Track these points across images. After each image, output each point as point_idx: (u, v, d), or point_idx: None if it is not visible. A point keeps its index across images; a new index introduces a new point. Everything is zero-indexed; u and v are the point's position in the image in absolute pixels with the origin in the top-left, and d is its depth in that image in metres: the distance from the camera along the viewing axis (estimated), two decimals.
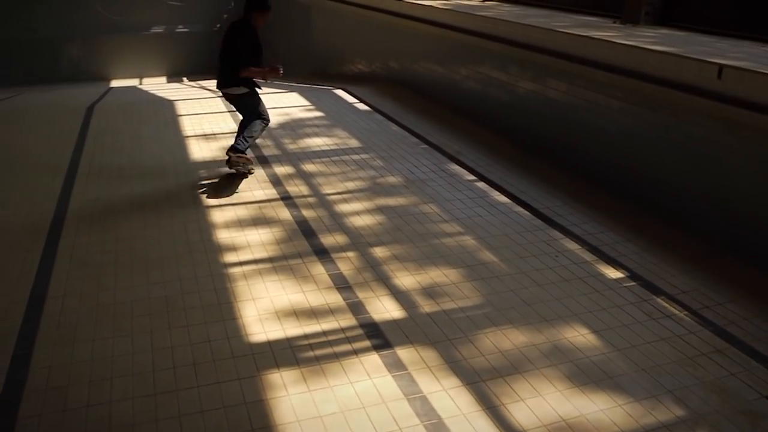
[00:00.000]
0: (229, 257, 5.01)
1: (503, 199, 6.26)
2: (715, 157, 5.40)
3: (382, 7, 11.44)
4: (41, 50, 20.02)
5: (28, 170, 6.93)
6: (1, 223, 5.67)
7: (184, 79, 20.73)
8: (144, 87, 16.04)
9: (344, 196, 6.21)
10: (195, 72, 21.42)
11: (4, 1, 19.19)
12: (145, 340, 3.99)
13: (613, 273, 4.92)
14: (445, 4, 10.04)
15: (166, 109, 9.58)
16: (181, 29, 21.77)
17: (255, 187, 6.39)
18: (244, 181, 6.50)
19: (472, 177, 6.80)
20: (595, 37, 6.60)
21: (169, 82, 20.86)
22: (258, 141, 7.78)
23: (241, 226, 5.55)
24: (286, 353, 3.88)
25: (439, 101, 9.50)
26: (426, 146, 7.74)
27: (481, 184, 6.61)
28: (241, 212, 5.82)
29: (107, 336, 4.03)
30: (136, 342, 3.98)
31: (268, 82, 7.28)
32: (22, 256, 5.07)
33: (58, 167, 6.95)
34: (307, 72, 16.15)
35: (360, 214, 5.81)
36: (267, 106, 6.89)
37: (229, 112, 9.29)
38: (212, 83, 15.59)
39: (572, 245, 5.36)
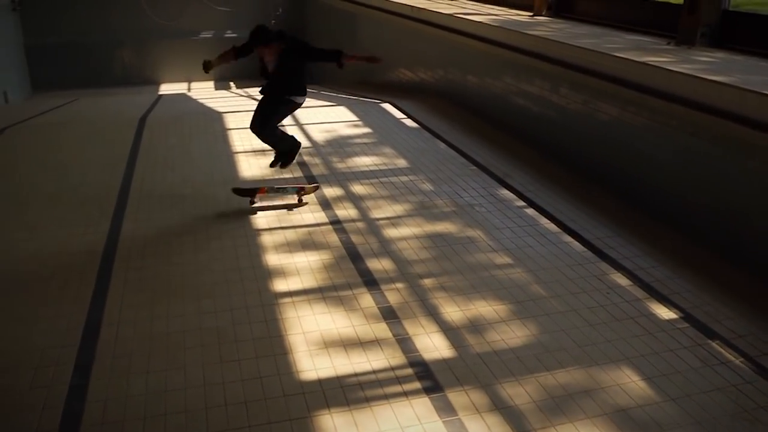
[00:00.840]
0: (279, 285, 5.05)
1: (553, 227, 6.20)
2: None
3: (430, 20, 11.43)
4: (94, 54, 20.40)
5: (83, 186, 7.07)
6: (59, 243, 5.78)
7: (231, 84, 20.98)
8: (192, 94, 16.24)
9: (393, 220, 6.21)
10: (242, 76, 21.65)
11: (58, 7, 19.58)
12: (198, 374, 4.04)
13: (666, 313, 4.84)
14: (494, 20, 9.98)
15: (215, 122, 9.69)
16: (229, 34, 21.95)
17: (304, 209, 6.43)
18: (293, 203, 6.55)
19: (521, 203, 6.74)
20: (649, 64, 6.49)
21: (216, 87, 21.12)
22: (306, 159, 7.85)
23: (291, 250, 5.58)
24: (337, 393, 3.88)
25: (487, 118, 9.45)
26: (474, 167, 7.71)
27: (531, 211, 6.55)
28: (291, 236, 5.86)
29: (161, 368, 4.09)
30: (189, 376, 4.03)
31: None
32: (78, 277, 5.18)
33: (112, 184, 7.08)
34: (354, 81, 16.20)
35: (408, 240, 5.80)
36: (314, 120, 7.07)
37: None
38: (257, 90, 15.81)
39: (623, 281, 5.28)
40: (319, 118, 9.79)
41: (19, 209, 6.56)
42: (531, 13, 10.76)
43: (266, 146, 7.91)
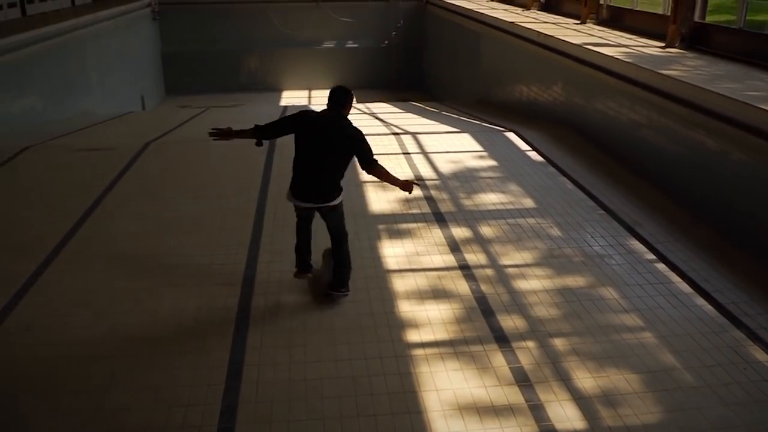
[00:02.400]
0: (412, 335, 5.15)
1: (685, 287, 6.05)
2: None
3: (557, 48, 11.34)
4: (223, 62, 21.24)
5: (221, 211, 7.40)
6: (201, 272, 6.10)
7: None
8: (317, 107, 16.57)
9: (521, 269, 6.22)
10: (361, 86, 22.06)
11: (193, 18, 20.51)
12: (336, 427, 4.19)
13: None
14: (624, 54, 9.81)
15: None
16: (350, 45, 22.43)
17: (433, 251, 6.53)
18: (423, 245, 6.65)
19: (652, 256, 6.61)
20: None
21: None
22: (434, 193, 7.94)
23: (422, 298, 5.69)
24: None
25: (614, 155, 9.29)
26: (602, 212, 7.61)
27: (662, 266, 6.41)
28: (421, 281, 5.96)
29: (301, 418, 4.27)
30: (328, 428, 4.18)
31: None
32: (220, 311, 5.45)
33: (247, 211, 7.39)
34: (473, 99, 16.24)
35: (538, 294, 5.80)
36: (439, 148, 6.98)
37: (403, 154, 9.51)
38: (379, 106, 16.07)
39: (762, 355, 5.10)
40: (444, 147, 9.87)
41: (165, 232, 6.93)
42: (663, 44, 10.51)
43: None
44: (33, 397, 4.49)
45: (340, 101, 5.45)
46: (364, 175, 8.47)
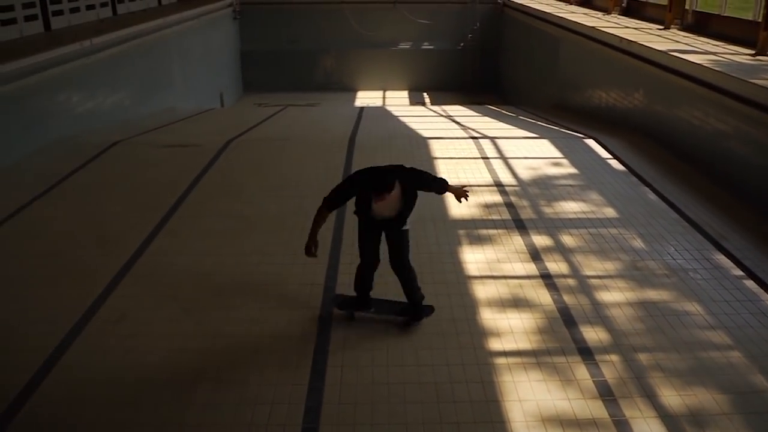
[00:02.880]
0: (494, 344, 5.15)
1: None
2: None
3: (641, 55, 11.13)
4: (300, 61, 21.54)
5: (302, 211, 7.46)
6: (285, 270, 6.21)
7: (425, 95, 21.41)
8: (392, 108, 16.70)
9: (604, 280, 6.14)
10: (435, 88, 22.14)
11: (272, 17, 20.88)
12: None
13: None
14: (712, 61, 9.56)
15: (420, 148, 9.96)
16: (425, 46, 22.46)
17: (514, 259, 6.50)
18: (504, 252, 6.63)
19: (739, 272, 6.43)
20: None
21: (410, 95, 21.63)
22: (513, 200, 7.90)
23: (503, 305, 5.67)
24: None
25: (699, 167, 9.07)
26: (686, 224, 7.44)
27: (750, 283, 6.23)
28: (502, 289, 5.94)
29: (383, 422, 4.31)
30: None
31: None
32: (302, 310, 5.55)
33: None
34: (549, 104, 16.07)
35: (621, 306, 5.71)
36: (518, 153, 6.92)
37: (482, 158, 9.48)
38: (455, 108, 16.06)
39: None
40: (523, 152, 9.81)
41: (249, 231, 7.08)
42: (753, 52, 10.21)
43: (474, 181, 8.08)
44: (125, 387, 4.66)
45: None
46: (445, 178, 8.54)
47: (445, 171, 8.84)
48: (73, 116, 10.86)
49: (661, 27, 13.49)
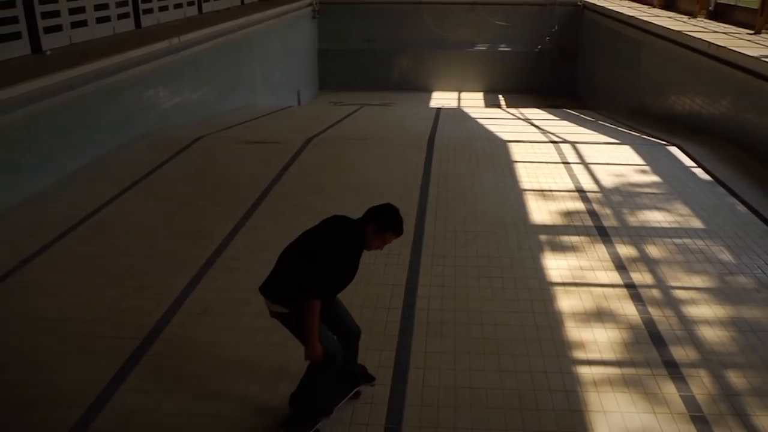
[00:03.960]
0: (578, 353, 5.08)
1: None
2: None
3: (730, 60, 10.79)
4: (376, 60, 21.66)
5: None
6: (365, 269, 6.24)
7: (500, 97, 21.26)
8: (468, 110, 16.64)
9: (691, 294, 5.99)
10: (510, 90, 21.96)
11: (350, 17, 21.07)
12: None
13: None
14: None
15: (500, 151, 9.90)
16: (502, 48, 22.30)
17: (597, 267, 6.40)
18: (587, 260, 6.53)
19: None
20: None
21: (485, 97, 21.52)
22: (596, 207, 7.77)
23: (587, 316, 5.58)
24: None
25: None
26: None
27: None
28: (586, 298, 5.85)
29: (466, 426, 4.30)
30: None
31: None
32: (385, 311, 5.58)
33: (408, 212, 7.47)
34: (629, 108, 15.76)
35: (710, 322, 5.55)
36: (599, 159, 6.76)
37: (563, 163, 9.37)
38: (533, 112, 15.90)
39: None
40: (605, 158, 9.65)
41: None
42: None
43: (554, 186, 7.99)
44: (209, 379, 4.77)
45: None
46: (524, 182, 8.51)
47: (524, 174, 8.77)
48: (160, 111, 11.19)
49: (751, 32, 13.07)
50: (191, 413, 4.46)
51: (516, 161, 9.36)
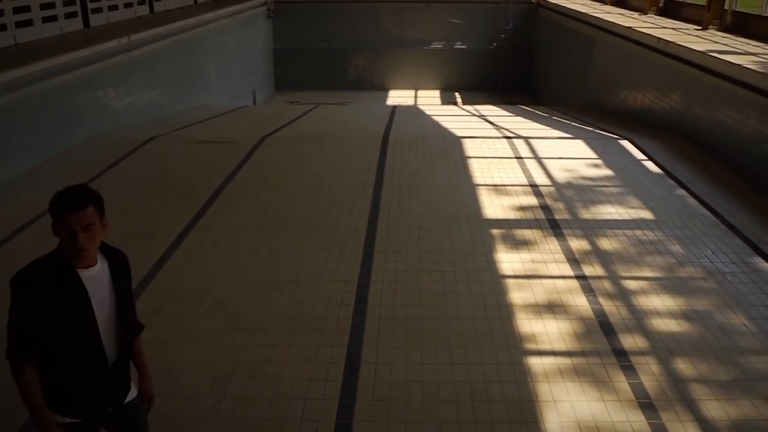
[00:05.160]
0: (529, 345, 5.10)
1: None
2: None
3: (679, 56, 10.97)
4: (332, 59, 21.60)
5: (336, 208, 7.54)
6: (319, 268, 6.23)
7: (456, 95, 21.34)
8: (424, 107, 16.66)
9: (641, 284, 6.06)
10: (467, 88, 22.06)
11: (306, 16, 20.99)
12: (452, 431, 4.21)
13: None
14: (757, 64, 9.38)
15: (454, 147, 9.92)
16: (458, 46, 22.39)
17: (549, 260, 6.44)
18: (539, 253, 6.57)
19: None
20: None
21: (442, 95, 21.58)
22: (549, 202, 7.83)
23: (539, 308, 5.61)
24: None
25: (738, 170, 8.91)
26: (725, 228, 7.32)
27: None
28: (538, 290, 5.89)
29: (417, 420, 4.30)
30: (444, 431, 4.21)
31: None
32: (337, 307, 5.55)
33: (362, 208, 7.50)
34: (582, 104, 15.93)
35: (659, 311, 5.63)
36: (552, 154, 6.82)
37: (516, 158, 9.43)
38: (488, 108, 15.99)
39: None
40: (558, 153, 9.73)
41: (283, 226, 7.11)
42: None
43: (507, 181, 8.04)
44: (159, 379, 4.68)
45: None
46: (478, 177, 8.55)
47: (478, 170, 8.81)
48: (111, 112, 11.01)
49: (699, 27, 13.30)
50: None
51: (470, 157, 9.40)
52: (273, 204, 7.73)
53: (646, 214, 7.57)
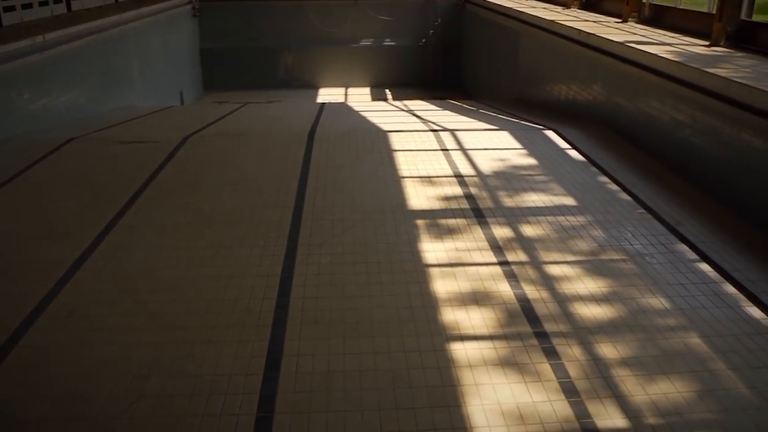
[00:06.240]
0: (452, 332, 5.12)
1: (730, 289, 5.92)
2: None
3: (599, 47, 11.21)
4: (261, 58, 21.41)
5: (260, 204, 7.45)
6: (241, 263, 6.14)
7: (387, 91, 21.39)
8: (353, 104, 16.65)
9: (563, 269, 6.14)
10: (397, 85, 22.13)
11: (232, 15, 20.74)
12: (374, 419, 4.18)
13: None
14: (669, 52, 9.65)
15: (380, 141, 9.91)
16: (387, 42, 22.43)
17: (473, 248, 6.48)
18: (463, 241, 6.61)
19: (694, 256, 6.49)
20: None
21: (372, 92, 21.59)
22: (473, 191, 7.88)
23: (462, 296, 5.63)
24: None
25: (657, 155, 9.14)
26: (643, 211, 7.49)
27: (705, 267, 6.29)
28: (461, 278, 5.92)
29: (339, 409, 4.26)
30: (366, 420, 4.17)
31: None
32: (260, 302, 5.48)
33: (286, 203, 7.41)
34: (510, 98, 16.16)
35: (581, 294, 5.71)
36: (478, 145, 6.90)
37: (441, 150, 9.47)
38: (416, 103, 16.06)
39: None
40: (483, 144, 9.82)
41: (206, 224, 6.98)
42: (707, 43, 10.33)
43: (433, 173, 8.07)
44: (76, 382, 4.55)
45: None
46: (404, 169, 8.55)
47: (404, 162, 8.81)
48: (27, 114, 10.64)
49: (619, 20, 13.61)
50: (51, 419, 4.23)
51: (396, 150, 9.40)
52: (196, 202, 7.59)
53: (569, 201, 7.69)
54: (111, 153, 9.53)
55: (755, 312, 5.57)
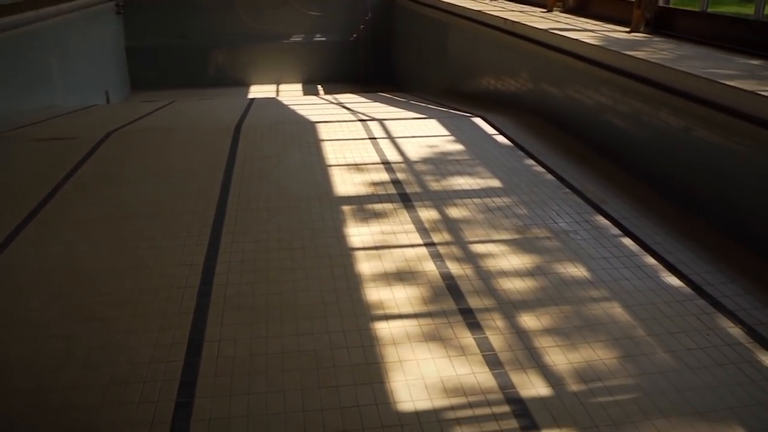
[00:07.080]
0: (376, 311, 5.09)
1: (650, 260, 6.05)
2: None
3: (525, 35, 11.34)
4: (190, 56, 21.05)
5: (185, 195, 7.29)
6: (164, 253, 5.99)
7: (319, 87, 21.29)
8: (283, 99, 16.52)
9: (489, 247, 6.18)
10: (329, 80, 22.02)
11: (159, 12, 20.32)
12: (297, 399, 4.12)
13: None
14: (591, 37, 9.82)
15: (308, 132, 9.83)
16: (318, 38, 22.31)
17: (399, 231, 6.47)
18: (389, 225, 6.59)
19: (617, 231, 6.61)
20: (760, 94, 6.27)
21: (304, 88, 21.45)
22: (400, 176, 7.88)
23: (387, 276, 5.62)
24: (434, 428, 3.90)
25: (581, 139, 9.30)
26: (568, 190, 7.60)
27: (627, 241, 6.41)
28: (386, 260, 5.90)
29: (261, 391, 4.19)
30: (288, 400, 4.11)
31: None
32: (181, 291, 5.35)
33: (211, 194, 7.28)
34: (441, 89, 16.23)
35: (505, 270, 5.76)
36: (406, 133, 6.92)
37: (369, 139, 9.44)
38: (346, 96, 16.01)
39: (724, 322, 5.12)
40: (411, 132, 9.82)
41: (128, 217, 6.80)
42: (628, 29, 10.55)
43: (360, 160, 8.04)
44: None
45: None
46: (331, 158, 8.49)
47: (331, 151, 8.75)
48: None
49: (545, 10, 13.80)
50: None
51: (323, 140, 9.33)
52: (117, 196, 7.39)
53: (495, 183, 7.75)
54: (26, 151, 9.20)
55: (673, 281, 5.70)
